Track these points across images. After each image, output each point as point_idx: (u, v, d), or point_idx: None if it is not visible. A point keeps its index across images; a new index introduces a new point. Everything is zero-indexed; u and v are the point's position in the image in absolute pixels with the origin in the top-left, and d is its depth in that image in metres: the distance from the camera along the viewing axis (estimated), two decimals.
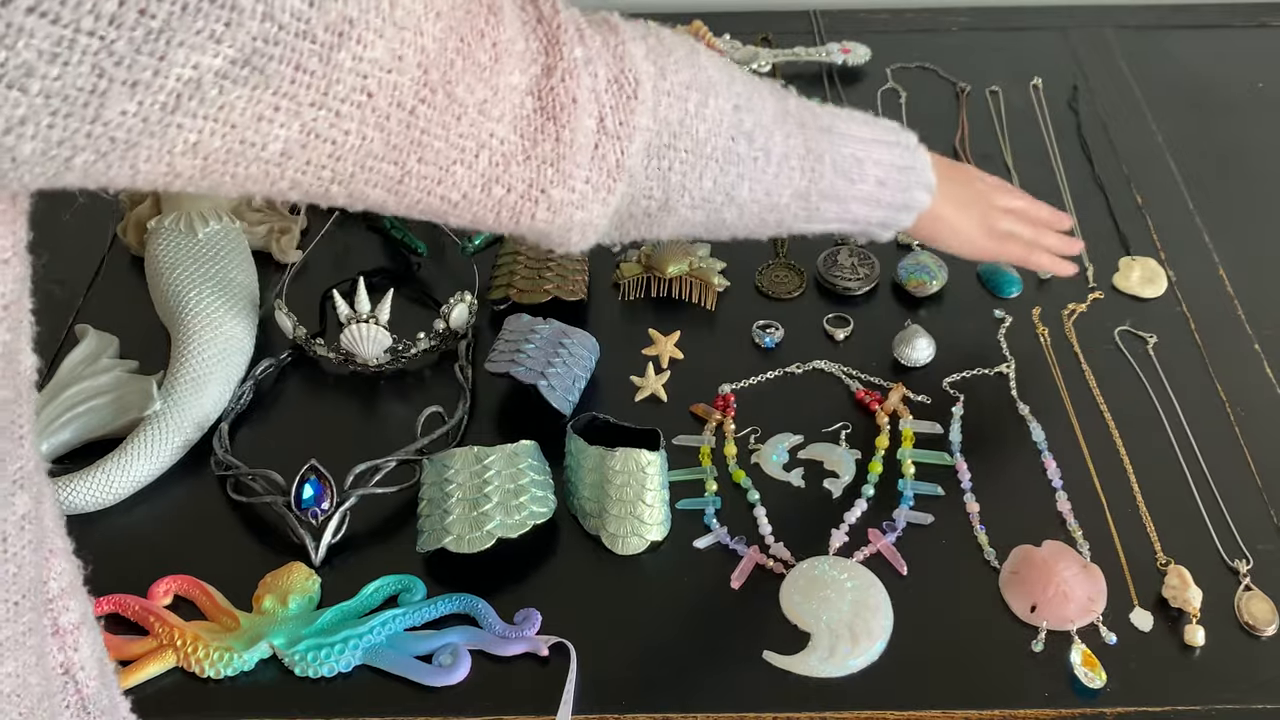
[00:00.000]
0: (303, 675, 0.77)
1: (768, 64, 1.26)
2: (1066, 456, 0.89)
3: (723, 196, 0.66)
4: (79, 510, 0.85)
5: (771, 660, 0.77)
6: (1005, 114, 1.22)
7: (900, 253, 1.05)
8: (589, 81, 0.55)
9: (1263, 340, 0.98)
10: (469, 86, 0.50)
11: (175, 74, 0.39)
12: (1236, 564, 0.82)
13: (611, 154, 0.57)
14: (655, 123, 0.59)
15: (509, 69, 0.52)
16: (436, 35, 0.48)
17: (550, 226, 0.58)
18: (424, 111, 0.49)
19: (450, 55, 0.49)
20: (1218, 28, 1.34)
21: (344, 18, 0.43)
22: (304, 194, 0.49)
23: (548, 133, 0.54)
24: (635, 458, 0.82)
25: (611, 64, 0.57)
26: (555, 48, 0.54)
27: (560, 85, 0.54)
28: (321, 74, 0.43)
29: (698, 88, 0.62)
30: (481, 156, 0.52)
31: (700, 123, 0.62)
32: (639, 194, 0.61)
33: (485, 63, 0.51)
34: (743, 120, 0.65)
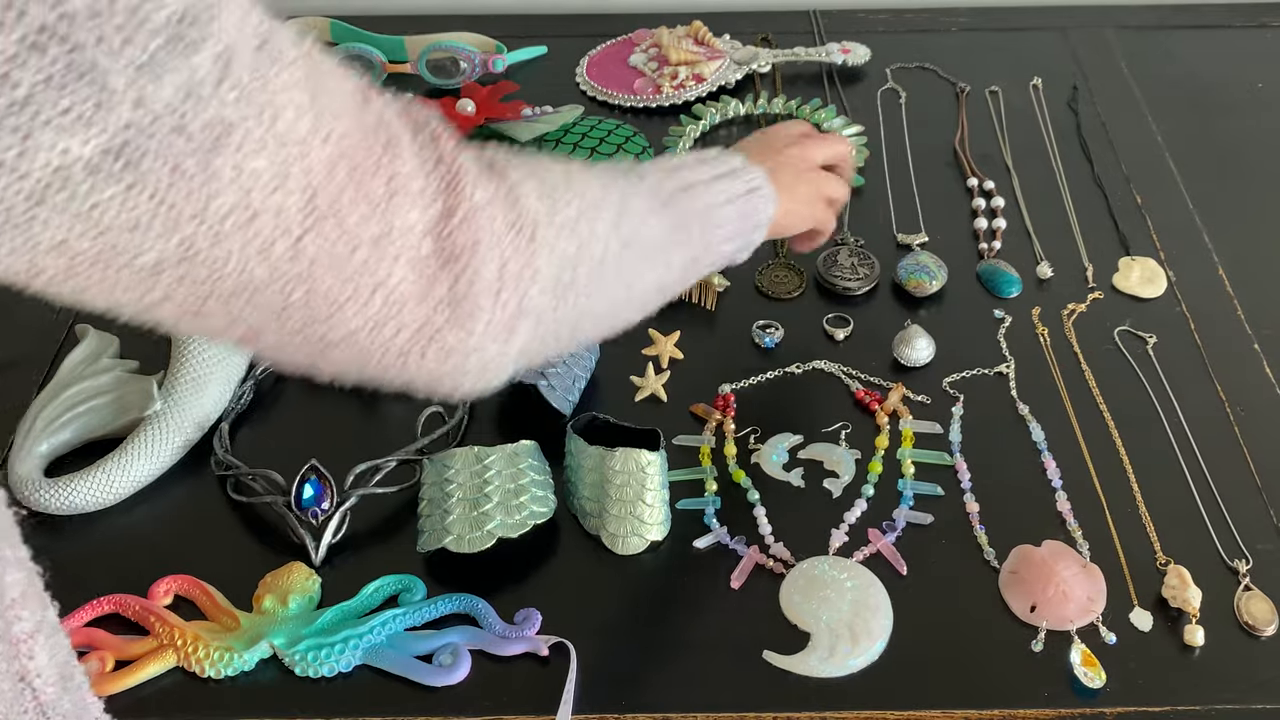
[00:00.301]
0: (303, 675, 0.77)
1: (768, 64, 1.26)
2: (1066, 456, 0.89)
3: (622, 302, 0.67)
4: (79, 510, 0.85)
5: (771, 660, 0.77)
6: (1005, 114, 1.22)
7: (900, 253, 1.05)
8: (488, 225, 0.53)
9: (1262, 340, 0.98)
10: (363, 218, 0.47)
11: (42, 159, 0.37)
12: (1236, 564, 0.82)
13: (513, 299, 0.54)
14: (555, 260, 0.57)
15: (405, 207, 0.49)
16: (325, 159, 0.45)
17: (441, 369, 0.54)
18: (312, 240, 0.46)
19: (341, 182, 0.46)
20: (1218, 28, 1.34)
21: (221, 119, 0.41)
22: (177, 308, 0.46)
23: (446, 276, 0.51)
24: (635, 458, 0.82)
25: (508, 208, 0.54)
26: (455, 190, 0.51)
27: (460, 229, 0.51)
28: (201, 180, 0.41)
29: (585, 215, 0.60)
30: (377, 295, 0.49)
31: (592, 247, 0.60)
32: (547, 332, 0.59)
33: (379, 197, 0.48)
34: (622, 227, 0.64)
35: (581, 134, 1.13)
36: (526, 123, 1.14)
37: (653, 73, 1.26)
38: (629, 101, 1.24)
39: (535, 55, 1.30)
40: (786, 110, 1.21)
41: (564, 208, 0.59)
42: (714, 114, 1.21)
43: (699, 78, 1.24)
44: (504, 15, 1.35)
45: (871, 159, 1.16)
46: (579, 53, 1.30)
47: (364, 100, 0.49)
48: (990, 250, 1.06)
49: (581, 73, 1.28)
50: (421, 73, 1.23)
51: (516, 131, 1.13)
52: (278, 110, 0.43)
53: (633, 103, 1.24)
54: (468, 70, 1.23)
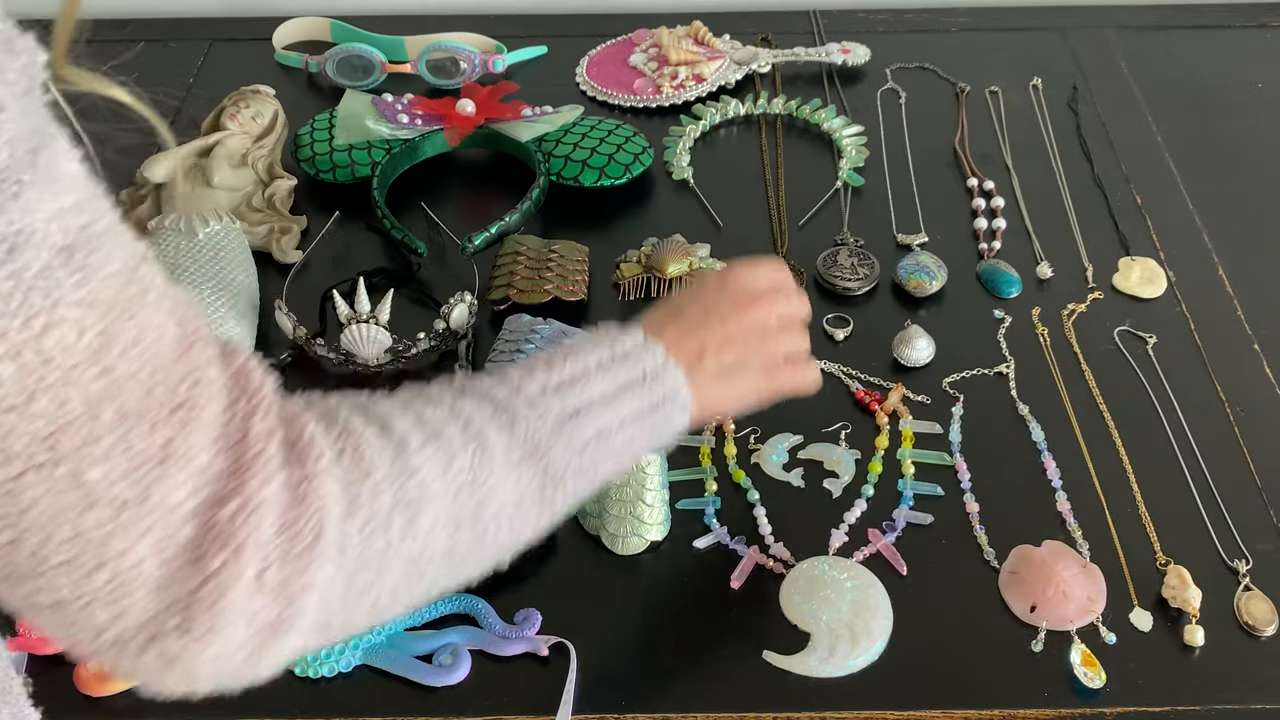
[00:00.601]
0: (303, 675, 0.77)
1: (768, 64, 1.26)
2: (1066, 456, 0.89)
3: (452, 581, 0.56)
4: None
5: (771, 660, 0.77)
6: (1005, 114, 1.22)
7: (900, 253, 1.05)
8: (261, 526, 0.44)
9: (1262, 340, 0.98)
10: (108, 477, 0.40)
11: None
12: (1236, 564, 0.82)
13: (269, 612, 0.45)
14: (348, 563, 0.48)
15: (175, 479, 0.42)
16: (91, 395, 0.39)
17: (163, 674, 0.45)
18: (34, 481, 0.38)
19: (101, 428, 0.39)
20: (1218, 28, 1.34)
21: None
22: None
23: (193, 574, 0.43)
24: None
25: (289, 505, 0.46)
26: (242, 476, 0.44)
27: (228, 524, 0.43)
28: None
29: (405, 504, 0.51)
30: (98, 575, 0.41)
31: (410, 541, 0.51)
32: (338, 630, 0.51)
33: (145, 458, 0.41)
34: (463, 505, 0.54)
35: (581, 134, 1.13)
36: (526, 123, 1.14)
37: (653, 73, 1.26)
38: (629, 101, 1.24)
39: (535, 55, 1.30)
40: (787, 110, 1.22)
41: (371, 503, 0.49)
42: (714, 114, 1.21)
43: (699, 78, 1.24)
44: (504, 15, 1.35)
45: (871, 159, 1.16)
46: (579, 53, 1.30)
47: (182, 352, 0.43)
48: (990, 250, 1.06)
49: (581, 73, 1.28)
50: (421, 73, 1.24)
51: (517, 131, 1.13)
52: (53, 322, 0.37)
53: (633, 103, 1.24)
54: (468, 70, 1.23)
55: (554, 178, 1.10)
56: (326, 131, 1.13)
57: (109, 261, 0.39)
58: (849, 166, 1.14)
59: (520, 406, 0.59)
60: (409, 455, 0.52)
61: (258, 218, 1.07)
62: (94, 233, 0.39)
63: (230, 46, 1.32)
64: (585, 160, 1.10)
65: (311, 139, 1.13)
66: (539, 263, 1.01)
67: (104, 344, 0.39)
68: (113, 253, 0.40)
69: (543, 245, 1.03)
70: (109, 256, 0.39)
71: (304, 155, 1.12)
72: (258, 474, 0.44)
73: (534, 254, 1.02)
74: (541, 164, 1.10)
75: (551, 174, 1.10)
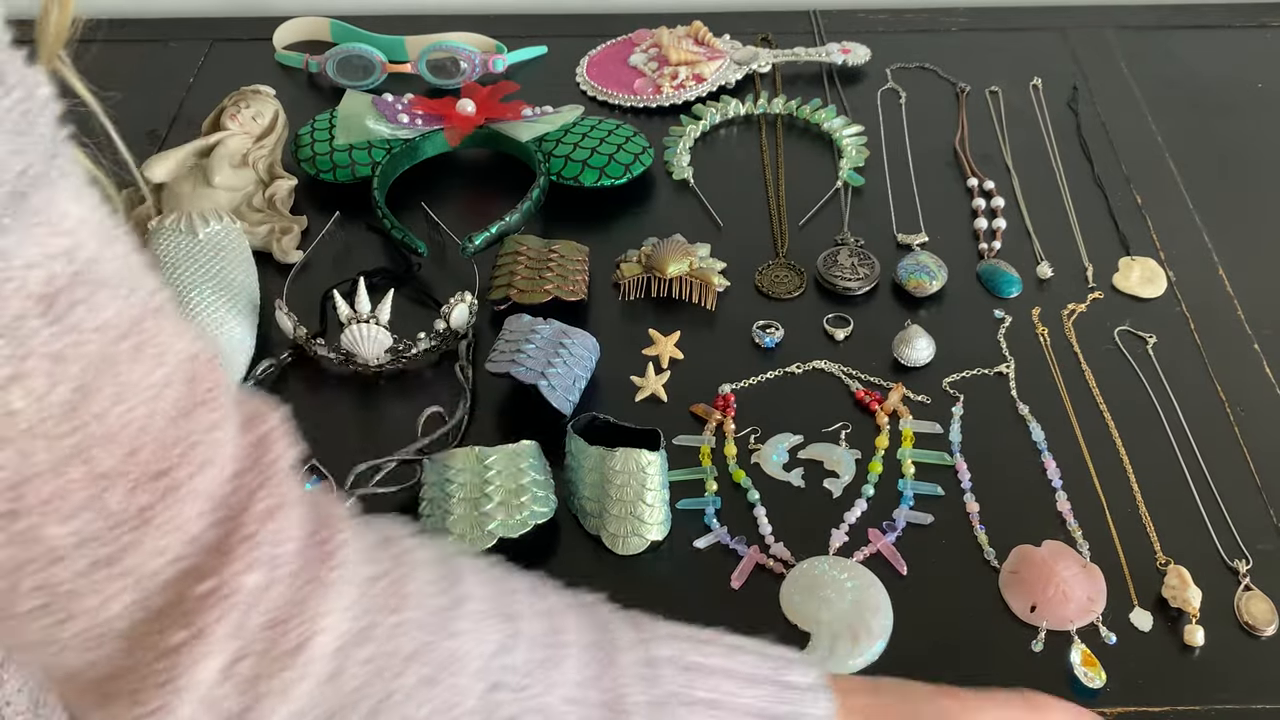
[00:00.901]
0: None
1: (768, 64, 1.26)
2: (1066, 456, 0.89)
3: None
4: None
5: None
6: (1005, 114, 1.22)
7: (900, 253, 1.05)
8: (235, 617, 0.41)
9: (1262, 340, 0.98)
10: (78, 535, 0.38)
11: None
12: (1236, 564, 0.82)
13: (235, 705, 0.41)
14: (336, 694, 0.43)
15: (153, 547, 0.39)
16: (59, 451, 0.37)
17: None
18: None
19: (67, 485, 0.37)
20: (1218, 28, 1.34)
21: None
22: None
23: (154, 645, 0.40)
24: (635, 458, 0.82)
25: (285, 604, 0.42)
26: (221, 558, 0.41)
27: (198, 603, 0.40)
28: None
29: (427, 659, 0.45)
30: (71, 625, 0.39)
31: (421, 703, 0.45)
32: None
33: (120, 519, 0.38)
34: (500, 704, 0.47)
35: (582, 134, 1.13)
36: (527, 123, 1.14)
37: (653, 73, 1.26)
38: (629, 101, 1.24)
39: (535, 55, 1.30)
40: (787, 110, 1.22)
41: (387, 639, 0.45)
42: (714, 114, 1.21)
43: (699, 78, 1.24)
44: (504, 15, 1.35)
45: (872, 159, 1.16)
46: (579, 53, 1.30)
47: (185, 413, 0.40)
48: (990, 250, 1.06)
49: (581, 73, 1.28)
50: (421, 73, 1.24)
51: (517, 131, 1.13)
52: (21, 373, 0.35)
53: (633, 103, 1.24)
54: (468, 70, 1.23)
55: (554, 178, 1.10)
56: (327, 131, 1.13)
57: (99, 313, 0.37)
58: (849, 166, 1.15)
59: (630, 658, 0.51)
60: (458, 617, 0.47)
61: (258, 218, 1.07)
62: (84, 281, 0.36)
63: (230, 46, 1.32)
64: (585, 160, 1.10)
65: (312, 139, 1.13)
66: (539, 263, 1.01)
67: (79, 401, 0.37)
68: (106, 304, 0.37)
69: (543, 245, 1.03)
70: (100, 308, 0.37)
71: (304, 155, 1.12)
72: (242, 558, 0.41)
73: (534, 254, 1.02)
74: (541, 164, 1.10)
75: (551, 174, 1.10)
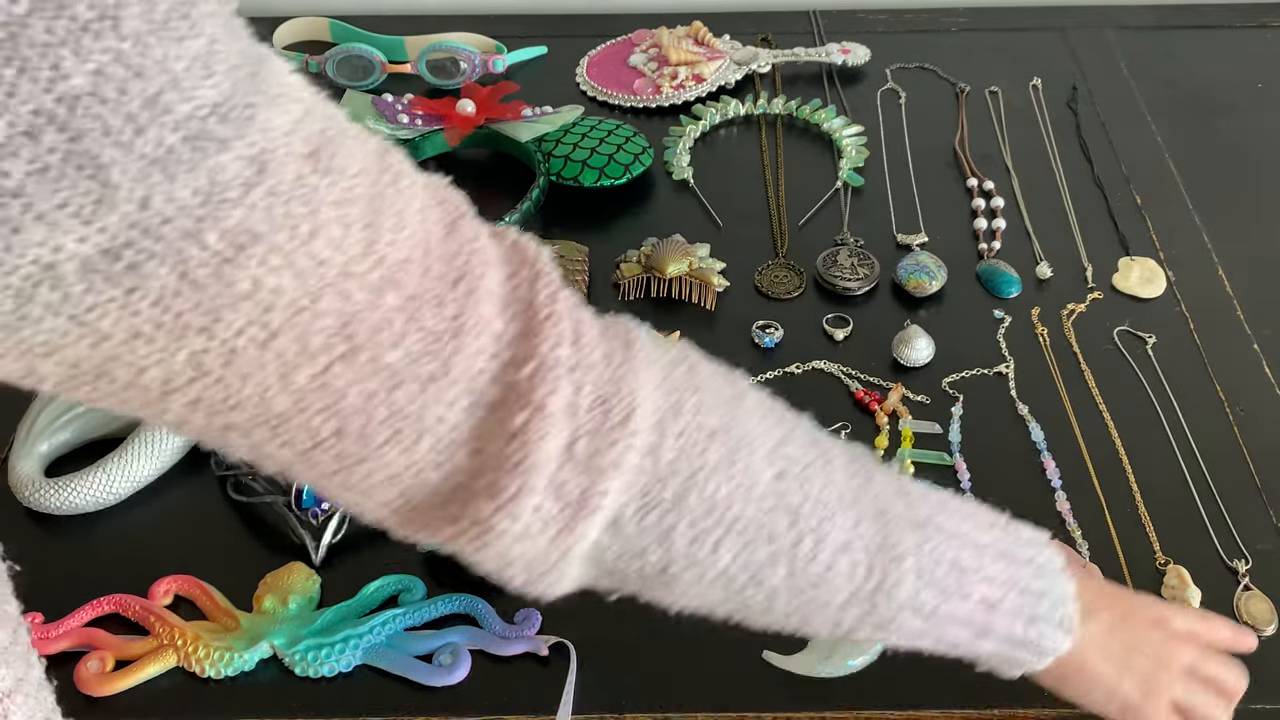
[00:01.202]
0: (303, 675, 0.77)
1: (767, 64, 1.26)
2: (1065, 457, 0.89)
3: (746, 577, 0.52)
4: (79, 510, 0.85)
5: (771, 660, 0.77)
6: (1005, 115, 1.22)
7: (900, 253, 1.05)
8: (567, 391, 0.45)
9: (1262, 340, 0.98)
10: (409, 355, 0.41)
11: (32, 255, 0.32)
12: (1235, 564, 0.82)
13: (577, 486, 0.45)
14: (655, 466, 0.47)
15: (472, 348, 0.43)
16: (371, 284, 0.40)
17: (477, 551, 0.46)
18: (341, 371, 0.40)
19: (387, 313, 0.40)
20: (1218, 28, 1.34)
21: (245, 228, 0.36)
22: (197, 434, 0.41)
23: (500, 433, 0.44)
24: None
25: (606, 380, 0.46)
26: (534, 338, 0.45)
27: (527, 383, 0.44)
28: (213, 292, 0.36)
29: (726, 439, 0.49)
30: (423, 441, 0.43)
31: (722, 481, 0.49)
32: (628, 550, 0.49)
33: (439, 333, 0.42)
34: (787, 491, 0.51)
35: (581, 134, 1.13)
36: (526, 123, 1.14)
37: (652, 73, 1.26)
38: (629, 102, 1.24)
39: (535, 55, 1.30)
40: (787, 110, 1.22)
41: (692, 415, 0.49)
42: (714, 114, 1.21)
43: (699, 78, 1.24)
44: (504, 15, 1.35)
45: (871, 159, 1.16)
46: (579, 53, 1.30)
47: (450, 229, 0.44)
48: (990, 250, 1.06)
49: (581, 73, 1.28)
50: (421, 73, 1.24)
51: (517, 131, 1.13)
52: (318, 226, 0.38)
53: (633, 103, 1.24)
54: (467, 71, 1.23)
55: (554, 178, 1.10)
56: None
57: (353, 159, 0.40)
58: (849, 166, 1.15)
59: (885, 476, 0.55)
60: (744, 407, 0.51)
61: None
62: (331, 136, 0.39)
63: None
64: (585, 160, 1.10)
65: None
66: None
67: (371, 236, 0.40)
68: (354, 150, 0.40)
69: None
70: (351, 154, 0.40)
71: None
72: (550, 338, 0.45)
73: None
74: (541, 164, 1.10)
75: (551, 174, 1.10)
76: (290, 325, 0.38)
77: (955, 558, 0.56)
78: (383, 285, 0.40)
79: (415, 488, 0.45)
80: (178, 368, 0.37)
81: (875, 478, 0.55)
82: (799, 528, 0.52)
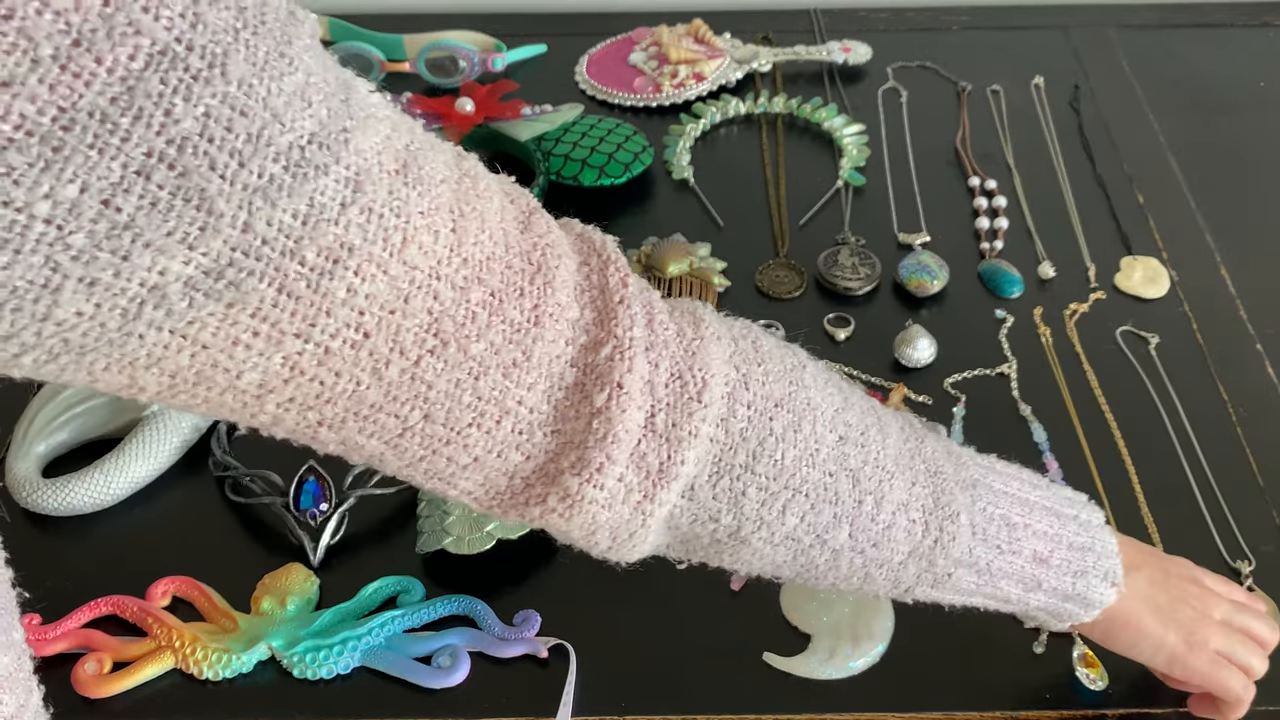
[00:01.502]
0: (301, 677, 0.76)
1: (768, 63, 1.26)
2: (1068, 457, 0.89)
3: (812, 538, 0.56)
4: (77, 511, 0.85)
5: (771, 662, 0.77)
6: (1006, 113, 1.21)
7: (901, 252, 1.05)
8: (644, 369, 0.48)
9: (1265, 341, 0.97)
10: (493, 346, 0.44)
11: (139, 278, 0.34)
12: (1238, 565, 0.81)
13: (656, 457, 0.49)
14: (727, 436, 0.51)
15: (551, 335, 0.46)
16: (458, 283, 0.43)
17: (566, 522, 0.50)
18: (431, 364, 0.43)
19: (473, 308, 0.43)
20: (1220, 27, 1.33)
21: (342, 243, 0.38)
22: (288, 432, 0.44)
23: (582, 412, 0.47)
24: None
25: (679, 357, 0.50)
26: (609, 322, 0.48)
27: (606, 364, 0.47)
28: (310, 301, 0.38)
29: (790, 407, 0.53)
30: (504, 423, 0.46)
31: (788, 447, 0.53)
32: (702, 514, 0.53)
33: (519, 323, 0.45)
34: (848, 455, 0.55)
35: (581, 133, 1.12)
36: (526, 122, 1.13)
37: (653, 71, 1.26)
38: (629, 100, 1.23)
39: (535, 54, 1.29)
40: (787, 109, 1.21)
41: (759, 386, 0.52)
42: (714, 113, 1.21)
43: (699, 76, 1.24)
44: (503, 14, 1.35)
45: (872, 158, 1.16)
46: (579, 51, 1.30)
47: (524, 225, 0.47)
48: (992, 250, 1.06)
49: (581, 71, 1.28)
50: (420, 71, 1.23)
51: (516, 130, 1.12)
52: (409, 236, 0.40)
53: (633, 101, 1.23)
54: (467, 69, 1.23)
55: (553, 177, 1.10)
56: None
57: (436, 168, 0.43)
58: (850, 166, 1.14)
59: (935, 441, 0.60)
60: (804, 377, 0.54)
61: None
62: (415, 149, 0.42)
63: None
64: (585, 159, 1.10)
65: None
66: None
67: (457, 239, 0.43)
68: (436, 159, 0.43)
69: None
70: (434, 164, 0.43)
71: None
72: (625, 320, 0.48)
73: None
74: (541, 163, 1.10)
75: (551, 173, 1.10)
76: (382, 326, 0.41)
77: (1005, 514, 0.60)
78: (468, 283, 0.43)
79: (498, 469, 0.48)
80: (273, 370, 0.40)
81: (926, 441, 0.60)
82: (861, 488, 0.55)
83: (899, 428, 0.59)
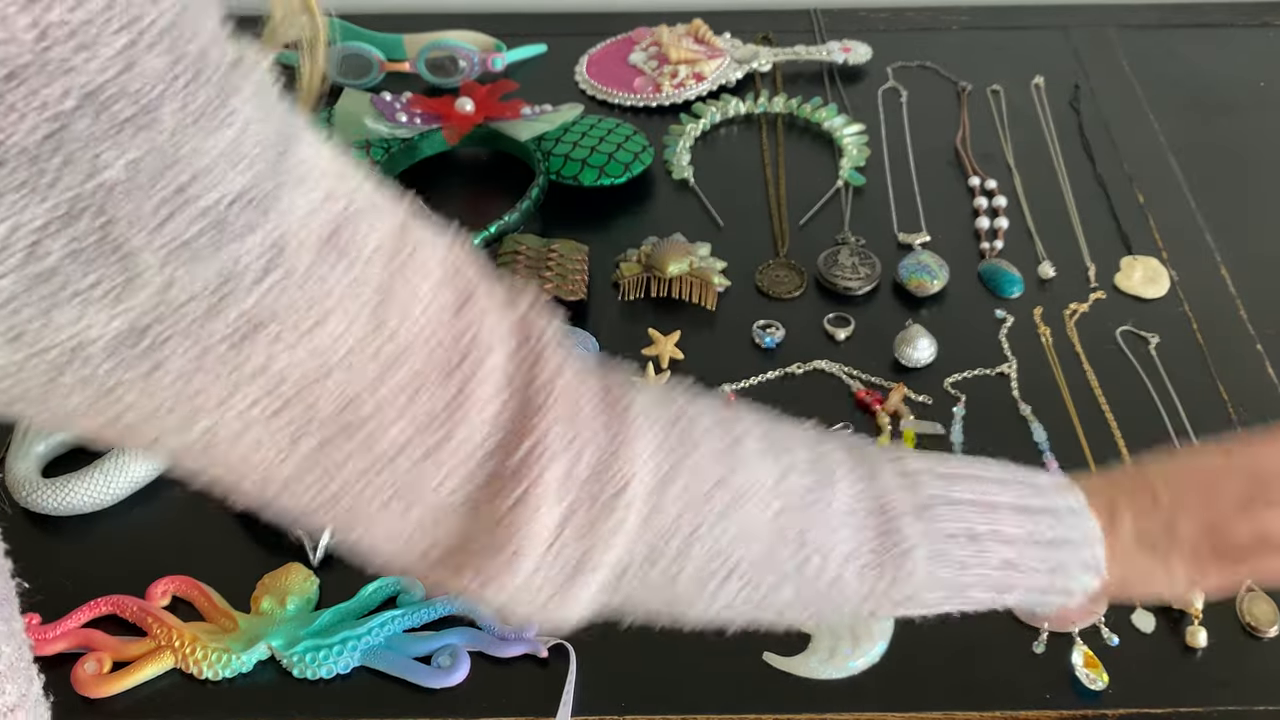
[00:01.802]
0: (301, 677, 0.76)
1: (768, 63, 1.26)
2: (1068, 457, 0.89)
3: (757, 599, 0.55)
4: (77, 511, 0.85)
5: (771, 662, 0.77)
6: (1006, 113, 1.21)
7: (901, 252, 1.05)
8: (564, 466, 0.46)
9: (1265, 341, 0.97)
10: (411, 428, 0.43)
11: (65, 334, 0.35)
12: None
13: (574, 552, 0.47)
14: (656, 527, 0.50)
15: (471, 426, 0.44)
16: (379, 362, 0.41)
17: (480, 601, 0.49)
18: (340, 444, 0.42)
19: (392, 389, 0.42)
20: (1220, 27, 1.33)
21: (262, 308, 0.37)
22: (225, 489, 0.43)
23: (497, 505, 0.46)
24: None
25: (601, 452, 0.48)
26: (530, 418, 0.46)
27: (524, 459, 0.46)
28: (229, 368, 0.38)
29: (726, 489, 0.51)
30: (416, 508, 0.45)
31: (723, 531, 0.51)
32: (636, 595, 0.53)
33: (438, 409, 0.43)
34: (789, 525, 0.53)
35: (581, 133, 1.12)
36: (526, 121, 1.13)
37: (653, 71, 1.25)
38: (629, 100, 1.23)
39: (535, 54, 1.29)
40: (787, 109, 1.21)
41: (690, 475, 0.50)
42: (714, 113, 1.21)
43: (699, 76, 1.24)
44: (503, 14, 1.35)
45: (872, 158, 1.16)
46: (578, 51, 1.30)
47: (459, 308, 0.45)
48: (992, 250, 1.06)
49: (581, 71, 1.28)
50: (420, 71, 1.23)
51: (516, 130, 1.12)
52: (329, 310, 0.39)
53: (633, 101, 1.23)
54: (467, 69, 1.23)
55: (553, 177, 1.10)
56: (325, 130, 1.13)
57: (371, 235, 0.41)
58: (850, 165, 1.14)
59: (888, 471, 0.56)
60: (744, 453, 0.52)
61: None
62: (351, 214, 0.40)
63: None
64: (585, 159, 1.10)
65: None
66: (538, 262, 1.00)
67: (381, 318, 0.41)
68: (375, 224, 0.41)
69: (542, 245, 1.03)
70: (371, 229, 0.41)
71: None
72: (547, 413, 0.46)
73: (533, 253, 1.02)
74: (541, 163, 1.10)
75: (551, 173, 1.10)
76: (299, 398, 0.40)
77: (969, 527, 0.57)
78: (390, 362, 0.42)
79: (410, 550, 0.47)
80: (193, 438, 0.39)
81: (879, 476, 0.56)
82: (804, 551, 0.53)
83: (847, 471, 0.55)
